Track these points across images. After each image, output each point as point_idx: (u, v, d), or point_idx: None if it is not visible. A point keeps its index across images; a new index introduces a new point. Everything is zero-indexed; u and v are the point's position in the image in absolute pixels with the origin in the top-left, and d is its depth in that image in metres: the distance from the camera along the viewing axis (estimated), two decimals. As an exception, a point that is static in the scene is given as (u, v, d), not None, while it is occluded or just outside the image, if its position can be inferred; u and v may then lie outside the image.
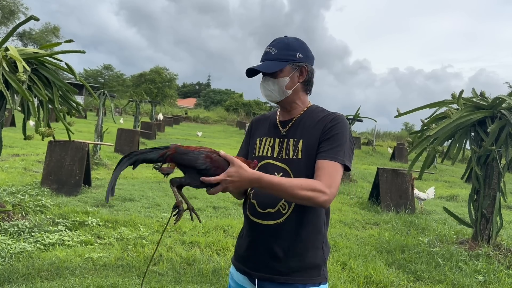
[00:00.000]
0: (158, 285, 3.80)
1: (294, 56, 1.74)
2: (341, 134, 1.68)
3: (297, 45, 1.77)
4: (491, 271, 4.82)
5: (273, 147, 1.79)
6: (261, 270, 1.72)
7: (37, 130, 4.71)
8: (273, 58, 1.74)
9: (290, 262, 1.68)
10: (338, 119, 1.72)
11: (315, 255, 1.71)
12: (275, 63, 1.73)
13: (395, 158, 20.38)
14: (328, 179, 1.59)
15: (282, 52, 1.74)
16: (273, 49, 1.75)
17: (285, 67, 1.73)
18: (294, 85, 1.76)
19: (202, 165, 1.53)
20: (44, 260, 4.16)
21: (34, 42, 46.73)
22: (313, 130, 1.73)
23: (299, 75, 1.77)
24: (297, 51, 1.75)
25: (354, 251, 5.31)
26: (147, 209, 6.64)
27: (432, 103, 6.10)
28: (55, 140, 7.01)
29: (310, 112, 1.80)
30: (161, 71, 58.09)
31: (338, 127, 1.69)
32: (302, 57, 1.76)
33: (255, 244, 1.75)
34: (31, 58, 4.68)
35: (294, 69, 1.75)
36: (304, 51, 1.78)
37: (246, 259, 1.78)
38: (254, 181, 1.53)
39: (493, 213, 5.67)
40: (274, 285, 1.69)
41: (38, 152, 11.72)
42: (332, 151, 1.65)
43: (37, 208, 5.74)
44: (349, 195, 9.70)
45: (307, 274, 1.69)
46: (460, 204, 10.28)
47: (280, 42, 1.76)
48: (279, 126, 1.82)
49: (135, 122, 18.60)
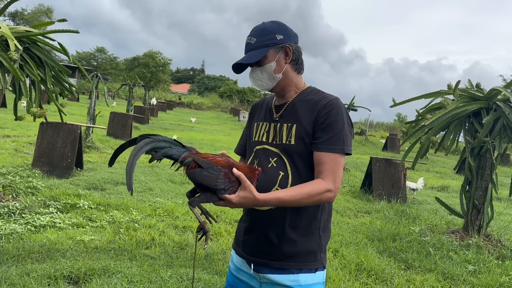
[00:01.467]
0: (150, 268, 3.79)
1: (274, 38, 1.69)
2: (336, 121, 1.63)
3: (274, 28, 1.72)
4: (481, 261, 4.87)
5: (268, 132, 1.77)
6: (256, 255, 1.72)
7: (29, 111, 4.63)
8: (254, 47, 1.69)
9: (284, 248, 1.67)
10: (332, 105, 1.66)
11: (310, 241, 1.70)
12: (257, 51, 1.68)
13: (388, 148, 20.49)
14: (331, 175, 1.60)
15: (261, 39, 1.69)
16: (252, 39, 1.70)
17: (268, 52, 1.69)
18: (282, 67, 1.72)
19: (221, 184, 1.51)
20: (35, 241, 4.12)
21: (26, 23, 46.04)
22: (306, 115, 1.69)
23: (285, 56, 1.72)
24: (276, 33, 1.70)
25: (346, 239, 5.33)
26: (140, 193, 6.61)
27: (428, 94, 6.09)
28: (47, 122, 6.92)
29: (304, 95, 1.76)
30: (155, 56, 57.59)
31: (333, 113, 1.64)
32: (283, 38, 1.71)
33: (251, 229, 1.75)
34: (23, 36, 4.58)
35: (278, 51, 1.70)
36: (283, 31, 1.72)
37: (243, 243, 1.79)
38: (261, 204, 1.56)
39: (484, 204, 5.71)
40: (269, 270, 1.69)
41: (30, 134, 11.59)
42: (329, 142, 1.61)
43: (28, 190, 5.69)
44: (341, 184, 9.73)
45: (302, 259, 1.68)
46: (451, 194, 10.36)
47: (257, 29, 1.72)
48: (273, 111, 1.80)
49: (128, 106, 18.44)
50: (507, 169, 17.37)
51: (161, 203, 6.03)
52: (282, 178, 1.67)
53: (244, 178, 1.53)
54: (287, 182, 1.67)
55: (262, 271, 1.70)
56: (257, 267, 1.71)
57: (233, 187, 1.53)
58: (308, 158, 1.66)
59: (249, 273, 1.76)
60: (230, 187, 1.52)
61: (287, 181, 1.67)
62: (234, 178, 1.54)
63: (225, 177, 1.53)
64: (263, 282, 1.71)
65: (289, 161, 1.67)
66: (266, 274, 1.69)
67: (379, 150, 20.63)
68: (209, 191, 1.53)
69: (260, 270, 1.71)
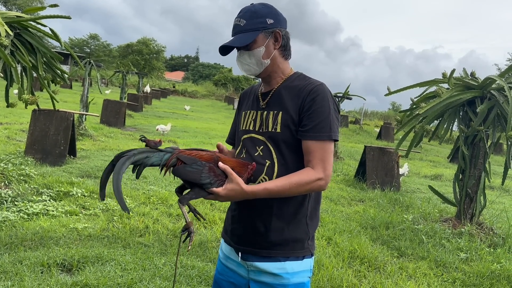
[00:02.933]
0: (144, 256, 3.78)
1: (265, 23, 1.65)
2: (322, 107, 1.60)
3: (265, 11, 1.66)
4: (473, 249, 4.92)
5: (255, 120, 1.75)
6: (244, 243, 1.72)
7: (21, 98, 4.58)
8: (243, 30, 1.65)
9: (271, 236, 1.66)
10: (317, 91, 1.63)
11: (297, 228, 1.68)
12: (246, 34, 1.64)
13: (382, 137, 20.54)
14: (321, 164, 1.59)
15: (251, 22, 1.64)
16: (241, 20, 1.65)
17: (257, 37, 1.64)
18: (270, 53, 1.68)
19: (206, 178, 1.52)
20: (28, 229, 4.10)
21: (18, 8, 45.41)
22: (291, 102, 1.66)
23: (274, 42, 1.68)
24: (266, 17, 1.65)
25: (339, 227, 5.36)
26: (133, 181, 6.58)
27: (423, 82, 6.08)
28: (39, 109, 6.85)
29: (290, 81, 1.73)
30: (148, 43, 57.07)
31: (318, 100, 1.61)
32: (273, 22, 1.66)
33: (238, 218, 1.75)
34: (14, 22, 4.50)
35: (268, 36, 1.66)
36: (274, 15, 1.68)
37: (231, 232, 1.78)
38: (249, 196, 1.56)
39: (477, 192, 5.75)
40: (257, 258, 1.69)
41: (22, 121, 11.49)
42: (316, 129, 1.59)
43: (21, 178, 5.64)
44: (335, 172, 9.75)
45: (289, 247, 1.67)
46: (444, 183, 10.42)
47: (247, 11, 1.66)
48: (260, 99, 1.77)
49: (122, 93, 18.30)
50: (499, 157, 17.48)
51: (155, 191, 6.02)
52: (268, 166, 1.66)
53: (230, 171, 1.53)
54: (273, 170, 1.65)
55: (250, 259, 1.70)
56: (245, 255, 1.71)
57: (220, 180, 1.54)
58: (295, 146, 1.64)
59: (237, 261, 1.75)
60: (216, 181, 1.53)
61: (273, 169, 1.65)
62: (220, 172, 1.55)
63: (210, 171, 1.54)
64: (251, 270, 1.71)
65: (275, 150, 1.66)
66: (254, 262, 1.69)
67: (373, 139, 20.68)
68: (196, 186, 1.54)
69: (248, 258, 1.71)
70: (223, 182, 1.53)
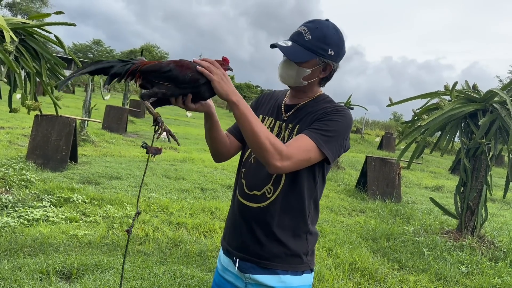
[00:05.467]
0: (143, 265, 3.77)
1: (326, 51, 1.61)
2: (335, 122, 1.57)
3: (334, 40, 1.62)
4: (474, 262, 4.89)
5: (272, 128, 1.74)
6: (242, 251, 1.70)
7: (24, 103, 4.59)
8: (303, 45, 1.60)
9: (271, 248, 1.65)
10: (339, 111, 1.62)
11: (297, 243, 1.67)
12: (305, 52, 1.60)
13: (383, 147, 20.52)
14: (292, 150, 1.49)
15: (316, 43, 1.60)
16: (308, 34, 1.60)
17: (311, 59, 1.61)
18: (312, 78, 1.66)
19: (166, 67, 1.46)
20: (28, 235, 4.09)
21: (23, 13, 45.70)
22: (313, 116, 1.64)
23: (321, 71, 1.66)
24: (331, 47, 1.61)
25: (340, 238, 5.33)
26: (134, 188, 6.58)
27: (425, 94, 6.08)
28: (41, 114, 6.86)
29: (317, 101, 1.71)
30: (152, 49, 57.37)
31: (337, 115, 1.60)
32: (333, 55, 1.63)
33: (239, 225, 1.73)
34: (19, 28, 4.52)
35: (320, 64, 1.63)
36: (338, 48, 1.64)
37: (231, 239, 1.76)
38: (236, 94, 1.48)
39: (478, 205, 5.73)
40: (255, 269, 1.67)
41: (24, 126, 11.51)
42: (317, 132, 1.55)
43: (22, 183, 5.64)
44: (336, 182, 9.74)
45: (288, 261, 1.66)
46: (445, 195, 10.39)
47: (318, 28, 1.61)
48: (282, 110, 1.76)
49: (124, 99, 18.32)
50: (501, 170, 17.45)
51: (156, 199, 6.01)
52: (276, 177, 1.65)
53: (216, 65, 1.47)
54: (280, 182, 1.64)
55: (248, 271, 1.68)
56: (242, 262, 1.69)
57: (182, 66, 1.46)
58: None
59: (234, 273, 1.73)
60: (176, 66, 1.46)
61: (280, 181, 1.64)
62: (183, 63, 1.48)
63: (169, 61, 1.49)
64: (249, 282, 1.69)
65: None
66: (252, 275, 1.67)
67: (374, 148, 20.66)
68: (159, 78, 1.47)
69: (246, 270, 1.68)
70: (184, 70, 1.45)
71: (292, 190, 1.64)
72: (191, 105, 1.53)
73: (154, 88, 1.47)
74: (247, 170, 1.74)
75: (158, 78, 1.48)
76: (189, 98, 1.50)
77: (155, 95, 1.47)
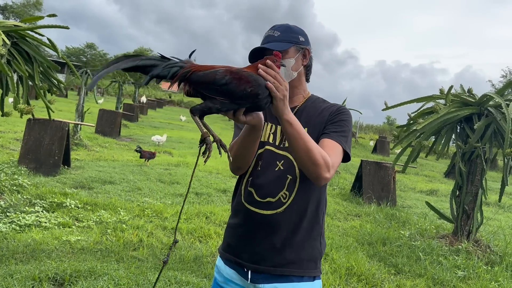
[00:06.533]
0: (137, 271, 3.71)
1: (297, 38, 1.72)
2: (346, 121, 1.67)
3: (298, 29, 1.75)
4: (470, 266, 4.87)
5: (275, 134, 1.72)
6: (257, 262, 1.64)
7: (16, 107, 4.52)
8: (277, 40, 1.69)
9: (287, 254, 1.63)
10: (344, 110, 1.71)
11: (313, 246, 1.67)
12: (281, 43, 1.67)
13: (377, 151, 20.57)
14: (334, 159, 1.56)
15: (286, 34, 1.70)
16: (275, 32, 1.70)
17: (290, 48, 1.69)
18: (299, 67, 1.73)
19: (221, 79, 1.31)
20: (19, 241, 4.02)
21: (16, 16, 45.45)
22: (317, 118, 1.69)
23: (302, 58, 1.74)
24: (299, 34, 1.73)
25: (336, 242, 5.30)
26: (128, 192, 6.51)
27: (420, 98, 6.08)
28: (34, 118, 6.79)
29: (312, 101, 1.77)
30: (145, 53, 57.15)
31: (345, 115, 1.69)
32: (304, 41, 1.74)
33: (251, 235, 1.67)
34: (12, 31, 4.46)
35: (299, 51, 1.72)
36: (305, 36, 1.76)
37: (240, 250, 1.69)
38: (289, 110, 1.46)
39: (474, 209, 5.72)
40: (269, 277, 1.63)
41: (16, 130, 11.39)
42: (339, 135, 1.63)
43: (14, 188, 5.56)
44: (331, 186, 9.71)
45: (304, 266, 1.65)
46: (440, 198, 10.40)
47: (281, 26, 1.74)
48: None
49: (118, 103, 18.23)
50: (495, 173, 17.53)
51: (150, 204, 5.94)
52: (290, 181, 1.64)
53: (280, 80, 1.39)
54: (295, 185, 1.64)
55: (260, 281, 1.63)
56: (256, 274, 1.64)
57: (240, 80, 1.32)
58: None
59: (241, 285, 1.69)
60: (233, 80, 1.32)
61: (294, 184, 1.64)
62: (241, 75, 1.33)
63: (225, 72, 1.33)
64: None
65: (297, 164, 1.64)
66: (265, 285, 1.62)
67: (368, 152, 20.70)
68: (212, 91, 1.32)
69: (257, 281, 1.64)
70: (247, 83, 1.32)
71: (306, 192, 1.64)
72: (242, 118, 1.43)
73: (207, 102, 1.34)
74: (255, 178, 1.69)
75: (211, 92, 1.34)
76: (241, 111, 1.40)
77: (208, 110, 1.35)
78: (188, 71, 1.36)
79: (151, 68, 1.37)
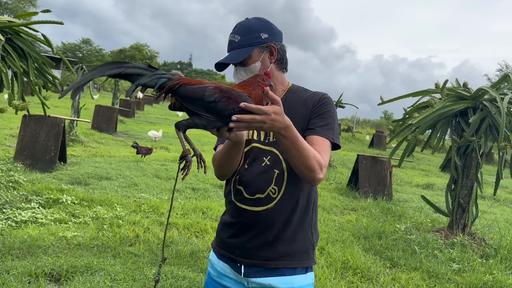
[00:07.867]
0: (134, 266, 3.72)
1: (259, 37, 1.65)
2: (330, 112, 1.66)
3: (259, 26, 1.67)
4: (465, 259, 4.90)
5: (258, 130, 1.70)
6: (249, 257, 1.66)
7: (11, 103, 4.51)
8: (238, 46, 1.64)
9: (280, 247, 1.64)
10: (326, 98, 1.69)
11: (305, 237, 1.69)
12: (241, 50, 1.63)
13: (374, 145, 20.63)
14: (326, 157, 1.57)
15: (246, 37, 1.64)
16: (235, 36, 1.65)
17: (252, 52, 1.64)
18: (267, 67, 1.67)
19: (210, 96, 1.29)
20: (16, 238, 4.02)
21: (10, 12, 45.14)
22: (300, 110, 1.67)
23: (269, 56, 1.68)
24: (260, 32, 1.65)
25: (332, 236, 5.32)
26: (124, 188, 6.51)
27: (416, 92, 6.10)
28: (29, 114, 6.77)
29: (293, 93, 1.74)
30: (141, 48, 57.08)
31: (328, 105, 1.67)
32: (267, 37, 1.66)
33: (243, 231, 1.68)
34: (6, 27, 4.44)
35: (263, 51, 1.66)
36: (268, 29, 1.68)
37: (233, 245, 1.70)
38: (287, 127, 1.40)
39: (469, 203, 5.75)
40: (262, 271, 1.64)
41: (12, 126, 11.36)
42: (325, 128, 1.62)
43: (9, 184, 5.55)
44: (328, 181, 9.74)
45: (297, 258, 1.66)
46: (436, 192, 10.45)
47: (241, 26, 1.67)
48: None
49: (114, 99, 18.18)
50: (491, 167, 17.60)
51: (146, 199, 5.95)
52: (278, 176, 1.64)
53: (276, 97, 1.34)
54: (283, 180, 1.64)
55: (253, 275, 1.65)
56: (248, 268, 1.65)
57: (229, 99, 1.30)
58: None
59: (234, 278, 1.70)
60: (222, 98, 1.30)
61: (282, 179, 1.64)
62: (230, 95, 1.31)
63: (214, 89, 1.31)
64: (252, 287, 1.66)
65: (283, 157, 1.64)
66: (257, 279, 1.64)
67: (365, 147, 20.75)
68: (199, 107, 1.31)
69: (250, 275, 1.65)
70: (236, 103, 1.30)
71: (296, 185, 1.65)
72: (225, 134, 1.39)
73: (194, 119, 1.33)
74: (242, 176, 1.69)
75: (198, 108, 1.32)
76: (225, 128, 1.38)
77: (194, 126, 1.34)
78: (176, 84, 1.35)
79: (137, 77, 1.35)
